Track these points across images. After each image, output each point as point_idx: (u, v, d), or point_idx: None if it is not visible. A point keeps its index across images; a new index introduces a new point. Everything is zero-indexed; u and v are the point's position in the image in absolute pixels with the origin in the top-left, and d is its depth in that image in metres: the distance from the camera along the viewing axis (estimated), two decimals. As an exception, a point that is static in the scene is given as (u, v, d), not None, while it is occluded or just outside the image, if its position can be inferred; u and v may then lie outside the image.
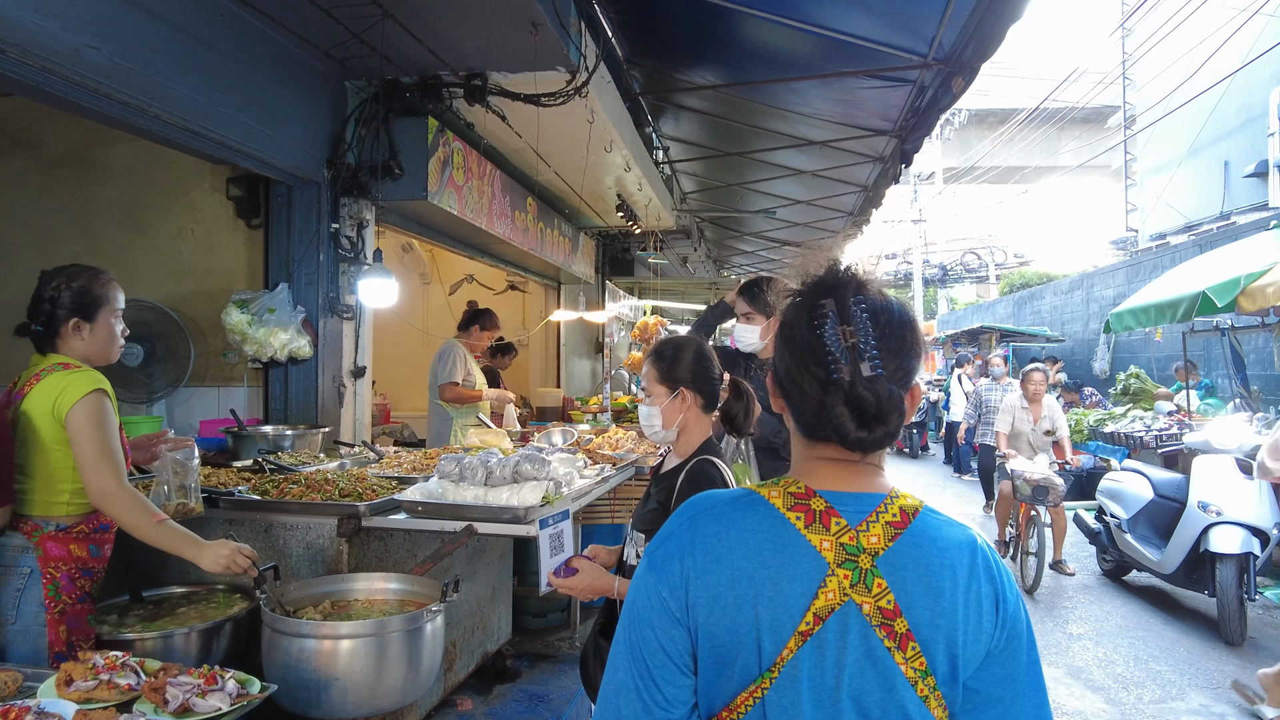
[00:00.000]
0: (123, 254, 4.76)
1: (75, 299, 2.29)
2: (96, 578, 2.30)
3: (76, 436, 2.16)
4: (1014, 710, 1.08)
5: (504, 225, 5.96)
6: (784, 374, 1.11)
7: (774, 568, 1.03)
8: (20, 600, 2.16)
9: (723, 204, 9.72)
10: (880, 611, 1.03)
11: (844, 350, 1.04)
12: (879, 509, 1.07)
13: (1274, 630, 5.49)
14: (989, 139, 25.46)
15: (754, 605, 1.03)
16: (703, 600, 1.04)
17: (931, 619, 1.04)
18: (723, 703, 1.05)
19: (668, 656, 1.05)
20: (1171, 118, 14.48)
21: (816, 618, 1.02)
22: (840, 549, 1.04)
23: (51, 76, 2.76)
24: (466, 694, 3.57)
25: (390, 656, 2.28)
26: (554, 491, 2.79)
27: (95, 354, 2.35)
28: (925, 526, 1.08)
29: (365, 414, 4.81)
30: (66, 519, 2.24)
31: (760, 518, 1.07)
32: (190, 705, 1.61)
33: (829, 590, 1.02)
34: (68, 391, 2.18)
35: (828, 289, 1.09)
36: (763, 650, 1.03)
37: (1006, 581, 1.10)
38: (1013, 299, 19.99)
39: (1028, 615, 1.12)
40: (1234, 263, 6.36)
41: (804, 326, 1.08)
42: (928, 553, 1.06)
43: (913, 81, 5.20)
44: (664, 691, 1.05)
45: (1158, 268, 11.19)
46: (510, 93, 4.53)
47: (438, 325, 8.43)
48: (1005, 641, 1.08)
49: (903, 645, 1.03)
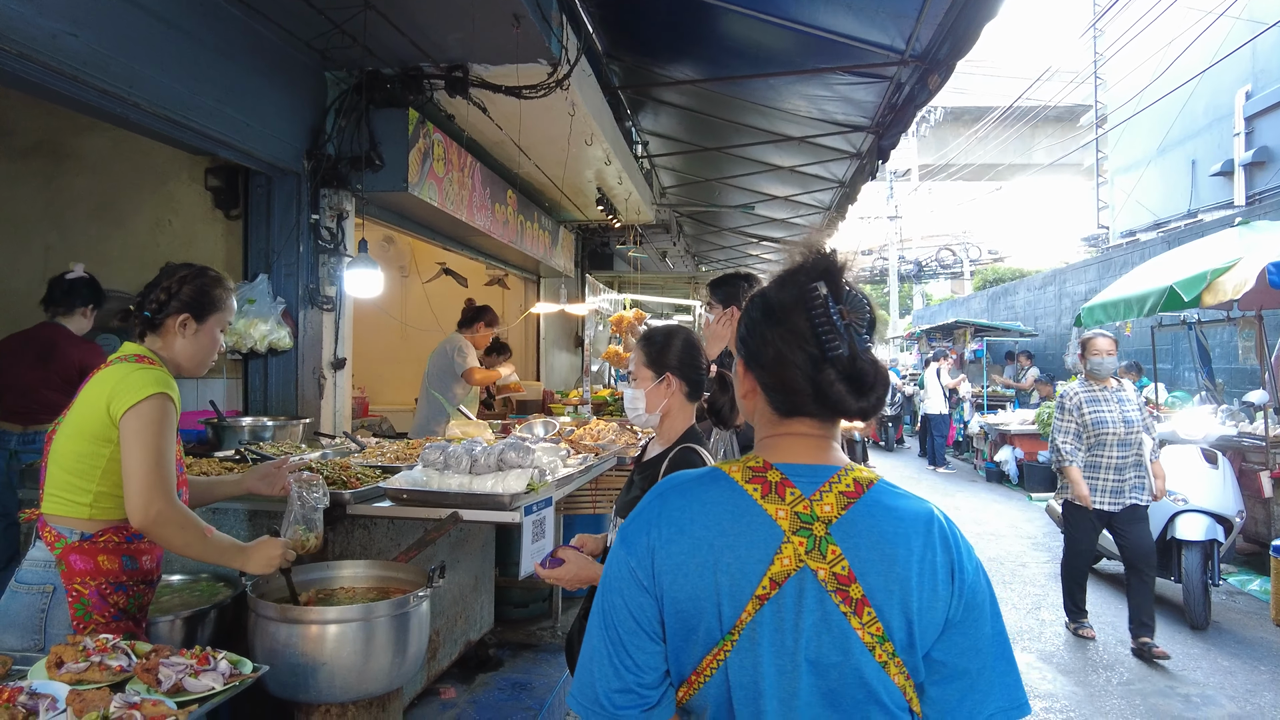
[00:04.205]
0: (98, 245, 4.71)
1: (194, 296, 2.20)
2: (132, 593, 2.08)
3: (129, 443, 1.96)
4: (982, 682, 1.11)
5: (484, 218, 5.96)
6: (770, 355, 1.14)
7: (732, 536, 1.09)
8: (46, 623, 1.98)
9: (701, 199, 9.77)
10: (835, 577, 1.07)
11: (844, 329, 1.10)
12: (832, 479, 1.13)
13: (1237, 614, 5.65)
14: (964, 136, 25.76)
15: (713, 571, 1.08)
16: (667, 568, 1.10)
17: (885, 585, 1.08)
18: (691, 667, 1.11)
19: (637, 624, 1.11)
20: (1141, 117, 14.76)
21: (773, 582, 1.07)
22: (795, 517, 1.10)
23: (28, 63, 2.73)
24: (450, 683, 3.60)
25: (377, 641, 2.30)
26: (538, 479, 2.82)
27: (188, 358, 2.23)
28: (880, 496, 1.13)
29: (345, 406, 4.80)
30: (91, 526, 2.03)
31: (721, 491, 1.13)
32: (183, 685, 1.63)
33: (785, 557, 1.08)
34: (129, 389, 2.00)
35: (820, 272, 1.15)
36: (723, 614, 1.08)
37: (964, 552, 1.14)
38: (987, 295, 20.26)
39: (991, 589, 1.15)
40: (1200, 259, 6.53)
41: (795, 308, 1.13)
42: (881, 521, 1.10)
43: (890, 78, 5.28)
44: (634, 657, 1.10)
45: (1128, 264, 11.41)
46: (491, 85, 4.54)
47: (417, 318, 8.41)
48: (964, 611, 1.12)
49: (858, 610, 1.07)
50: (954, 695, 1.11)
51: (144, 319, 2.19)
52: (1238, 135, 12.41)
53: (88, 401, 2.05)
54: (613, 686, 1.10)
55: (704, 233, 11.77)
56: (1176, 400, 8.96)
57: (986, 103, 24.71)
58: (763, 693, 1.08)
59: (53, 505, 2.05)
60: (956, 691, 1.11)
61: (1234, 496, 5.55)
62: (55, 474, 2.06)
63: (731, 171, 8.19)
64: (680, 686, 1.12)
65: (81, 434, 2.04)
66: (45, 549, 2.03)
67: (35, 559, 2.04)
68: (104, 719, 1.46)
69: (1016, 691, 1.13)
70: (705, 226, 11.30)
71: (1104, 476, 4.86)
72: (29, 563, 2.05)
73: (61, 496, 2.04)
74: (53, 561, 2.02)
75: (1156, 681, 4.46)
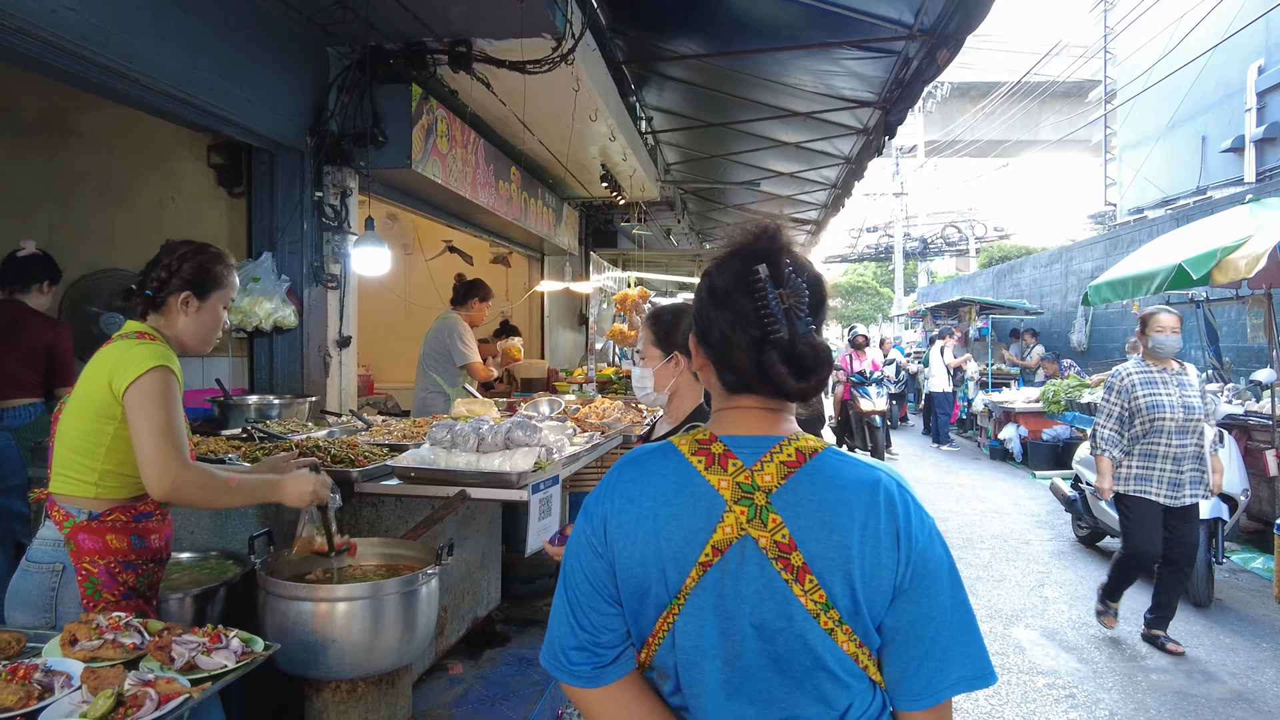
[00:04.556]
0: (101, 224, 4.70)
1: (194, 273, 2.19)
2: (141, 571, 2.10)
3: (135, 416, 1.96)
4: (939, 648, 1.11)
5: (488, 195, 5.92)
6: (717, 336, 1.16)
7: (676, 505, 1.14)
8: (57, 602, 2.00)
9: (706, 176, 9.70)
10: (776, 545, 1.10)
11: (783, 312, 1.12)
12: (774, 450, 1.15)
13: (1239, 592, 5.67)
14: (971, 112, 25.52)
15: (657, 539, 1.13)
16: (618, 536, 1.15)
17: (825, 552, 1.09)
18: (648, 629, 1.16)
19: (592, 588, 1.18)
20: (1151, 93, 14.58)
21: (715, 550, 1.11)
22: (736, 487, 1.13)
23: (27, 38, 2.70)
24: (457, 658, 3.63)
25: (386, 618, 2.31)
26: (545, 458, 2.82)
27: (191, 335, 2.22)
28: (822, 465, 1.14)
29: (351, 384, 4.81)
30: (98, 505, 2.04)
31: (669, 463, 1.17)
32: (196, 663, 1.64)
33: (726, 525, 1.11)
34: (129, 364, 1.99)
35: (761, 254, 1.15)
36: (668, 580, 1.13)
37: (914, 519, 1.13)
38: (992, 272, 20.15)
39: (947, 557, 1.14)
40: (1209, 236, 6.47)
41: (738, 291, 1.14)
42: (822, 489, 1.12)
43: (898, 53, 5.21)
44: (588, 618, 1.17)
45: (1135, 241, 11.33)
46: (495, 60, 4.49)
47: (421, 296, 8.38)
48: (914, 578, 1.11)
49: (800, 578, 1.09)
50: (911, 662, 1.12)
51: (145, 297, 2.19)
52: (1249, 111, 12.26)
53: (90, 379, 2.05)
54: (569, 644, 1.18)
55: (709, 210, 11.71)
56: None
57: (994, 78, 24.46)
58: (707, 654, 1.12)
59: (60, 484, 2.06)
60: (914, 658, 1.11)
61: (1239, 475, 5.55)
62: (61, 453, 2.06)
63: (736, 148, 8.13)
64: (641, 648, 1.18)
65: (85, 411, 2.04)
66: (54, 528, 2.04)
67: (45, 538, 2.06)
68: (118, 696, 1.47)
69: (980, 661, 1.12)
70: (710, 203, 11.24)
71: (1160, 467, 4.47)
72: (39, 542, 2.06)
73: (68, 475, 2.05)
74: (61, 540, 2.03)
75: (1159, 658, 4.49)
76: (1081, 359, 12.96)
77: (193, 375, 4.57)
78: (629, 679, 1.18)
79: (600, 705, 1.17)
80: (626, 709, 1.17)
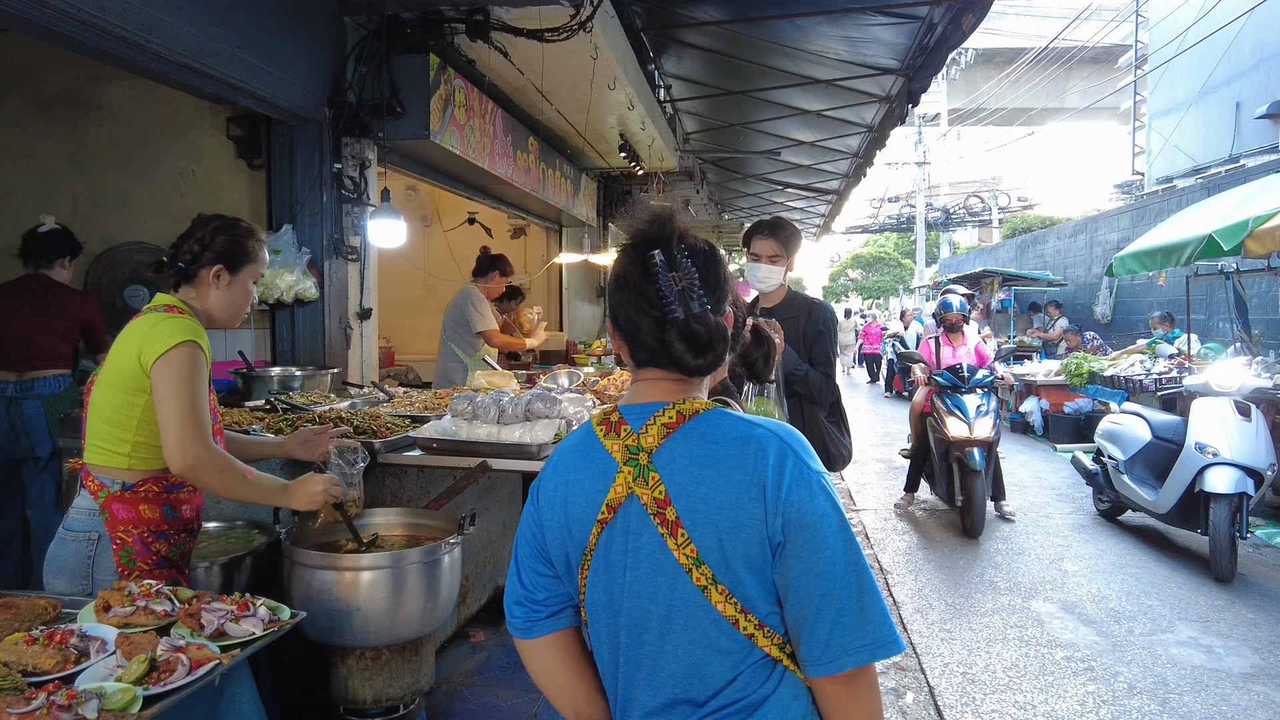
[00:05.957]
0: (124, 196, 4.73)
1: (227, 247, 2.21)
2: (174, 541, 2.14)
3: (161, 391, 1.98)
4: (831, 608, 1.10)
5: (506, 165, 5.89)
6: (624, 318, 1.24)
7: (579, 470, 1.24)
8: (93, 569, 2.05)
9: (725, 145, 9.59)
10: (655, 501, 1.16)
11: (676, 294, 1.18)
12: (657, 414, 1.21)
13: (1262, 567, 5.62)
14: (995, 80, 24.99)
15: (566, 502, 1.24)
16: (544, 503, 1.28)
17: (691, 506, 1.14)
18: (575, 587, 1.27)
19: (530, 549, 1.30)
20: (1183, 58, 14.19)
21: (609, 508, 1.20)
22: (625, 450, 1.21)
23: (48, 10, 2.70)
24: (479, 627, 3.68)
25: (409, 587, 2.35)
26: (565, 429, 2.83)
27: (221, 309, 2.24)
28: (700, 424, 1.19)
29: (372, 355, 4.84)
30: (131, 475, 2.08)
31: (582, 435, 1.29)
32: (224, 629, 1.67)
33: (617, 485, 1.20)
34: (158, 338, 2.01)
35: (655, 241, 1.23)
36: (576, 539, 1.23)
37: (789, 470, 1.12)
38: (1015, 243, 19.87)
39: (837, 514, 1.13)
40: (1242, 206, 6.32)
41: (638, 276, 1.22)
42: (695, 446, 1.17)
43: (922, 18, 5.10)
44: (528, 576, 1.31)
45: (1163, 211, 11.11)
46: (513, 28, 4.44)
47: (440, 268, 8.40)
48: (788, 530, 1.11)
49: (673, 532, 1.15)
50: (805, 622, 1.11)
51: (178, 270, 2.21)
52: (1286, 75, 11.92)
53: (120, 352, 2.08)
54: (511, 599, 1.33)
55: (728, 180, 11.58)
56: (1210, 351, 8.81)
57: (1020, 44, 23.89)
58: (603, 608, 1.22)
59: (94, 455, 2.09)
60: (806, 618, 1.11)
61: (1266, 449, 5.46)
62: (94, 424, 2.10)
63: (757, 116, 8.01)
64: (579, 606, 1.29)
65: (116, 384, 2.06)
66: (89, 498, 2.08)
67: (80, 507, 2.10)
68: (152, 661, 1.51)
69: (880, 628, 1.11)
70: (729, 173, 11.12)
71: None
72: (75, 511, 2.11)
73: (101, 447, 2.08)
74: (97, 510, 2.07)
75: (1180, 632, 4.47)
76: (1105, 331, 12.80)
77: (216, 347, 4.61)
78: (559, 633, 1.31)
79: (527, 653, 1.33)
80: (546, 657, 1.31)
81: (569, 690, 1.30)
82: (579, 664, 1.31)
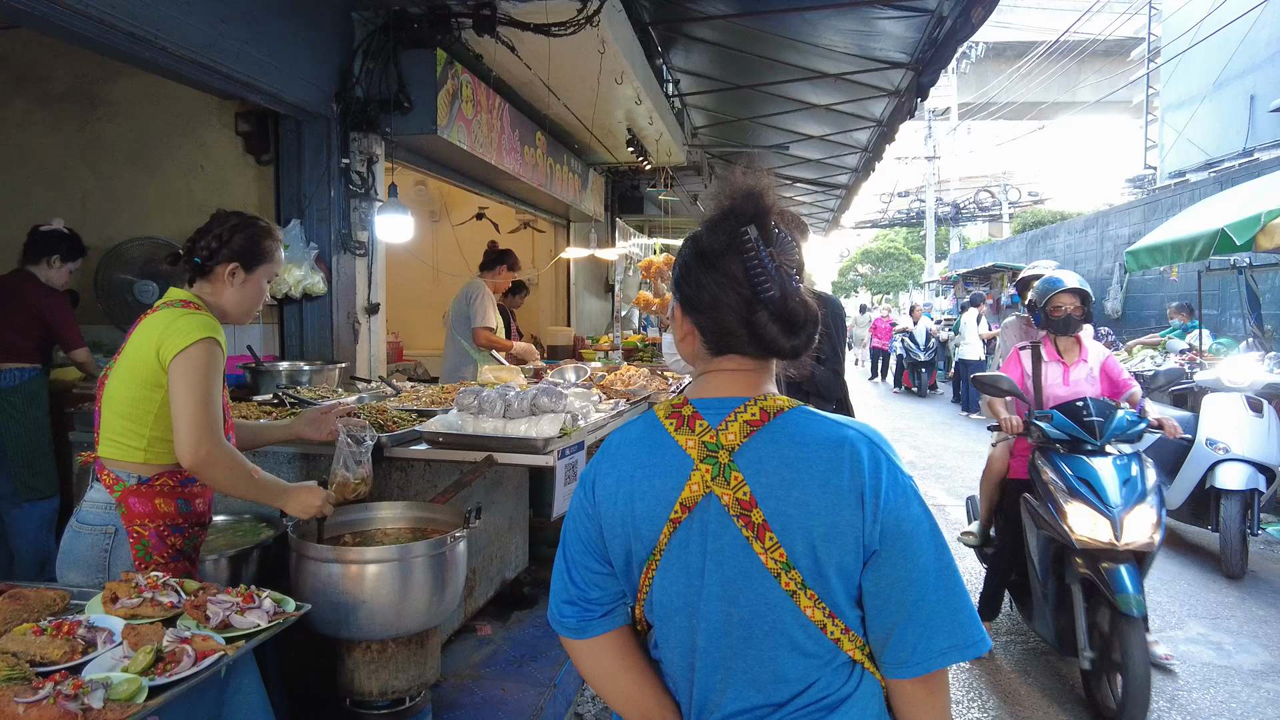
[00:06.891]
0: (134, 192, 4.76)
1: (244, 246, 2.22)
2: (188, 534, 2.16)
3: (177, 386, 2.00)
4: (922, 614, 1.08)
5: (513, 161, 5.89)
6: (707, 298, 1.17)
7: (649, 466, 1.18)
8: (110, 562, 2.07)
9: (734, 140, 9.56)
10: (738, 502, 1.11)
11: (775, 269, 1.13)
12: (738, 410, 1.16)
13: (1273, 564, 5.58)
14: (1006, 73, 24.81)
15: (633, 499, 1.18)
16: (603, 498, 1.21)
17: (782, 509, 1.10)
18: (637, 586, 1.22)
19: (584, 546, 1.24)
20: (1197, 50, 14.05)
21: (684, 507, 1.15)
22: (702, 446, 1.15)
23: (56, 7, 2.71)
24: (486, 620, 3.69)
25: (415, 580, 2.35)
26: (571, 424, 2.83)
27: (234, 306, 2.25)
28: (787, 424, 1.14)
29: (380, 350, 4.86)
30: (147, 470, 2.09)
31: (646, 428, 1.23)
32: (230, 621, 1.68)
33: (693, 483, 1.14)
34: (177, 334, 2.02)
35: (750, 216, 1.16)
36: (645, 538, 1.17)
37: (885, 477, 1.10)
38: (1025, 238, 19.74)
39: (928, 519, 1.11)
40: (1255, 200, 6.26)
41: (730, 252, 1.15)
42: (784, 447, 1.12)
43: (931, 11, 5.07)
44: (580, 575, 1.25)
45: (1175, 206, 11.01)
46: (520, 22, 4.44)
47: (448, 263, 8.42)
48: (885, 539, 1.09)
49: (760, 535, 1.10)
50: (894, 628, 1.10)
51: (194, 265, 2.21)
52: (1301, 68, 11.78)
53: (137, 347, 2.08)
54: (561, 598, 1.26)
55: (736, 175, 11.54)
56: (1222, 347, 8.72)
57: (1031, 37, 23.71)
58: (677, 610, 1.17)
59: (109, 449, 2.10)
60: (895, 624, 1.09)
61: (1278, 446, 5.42)
62: (109, 419, 2.10)
63: (765, 110, 7.99)
64: (635, 604, 1.24)
65: (133, 379, 2.07)
66: (104, 491, 2.09)
67: (95, 501, 2.11)
68: (158, 652, 1.52)
69: (968, 628, 1.09)
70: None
71: None
72: (89, 504, 2.12)
73: (117, 441, 2.09)
74: (113, 503, 2.08)
75: (1189, 628, 4.45)
76: (1116, 326, 12.71)
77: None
78: (615, 633, 1.24)
79: (583, 654, 1.26)
80: (605, 659, 1.24)
81: (634, 694, 1.22)
82: (640, 664, 1.24)
